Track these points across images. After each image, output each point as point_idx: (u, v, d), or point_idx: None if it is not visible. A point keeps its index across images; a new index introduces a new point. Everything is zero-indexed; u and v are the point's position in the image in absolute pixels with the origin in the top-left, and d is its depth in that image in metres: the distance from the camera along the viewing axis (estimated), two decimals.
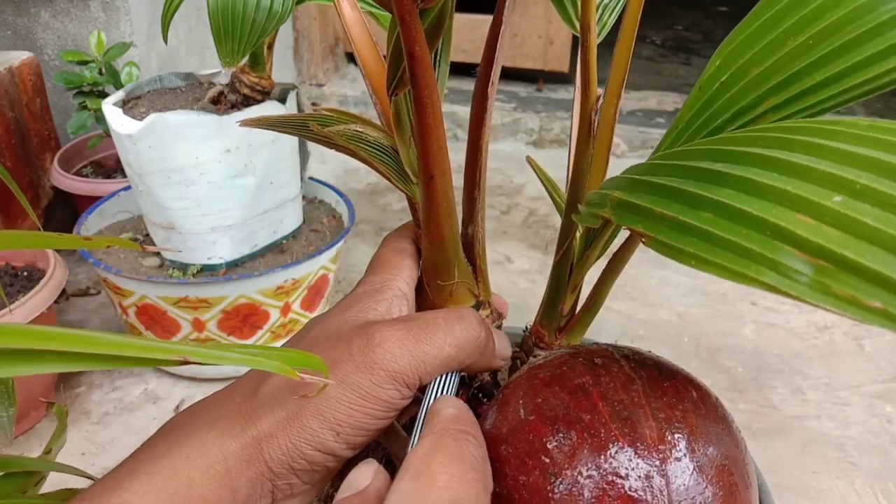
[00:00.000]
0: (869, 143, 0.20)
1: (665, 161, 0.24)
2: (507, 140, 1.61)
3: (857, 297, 0.17)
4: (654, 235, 0.22)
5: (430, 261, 0.34)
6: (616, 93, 0.32)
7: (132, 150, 0.74)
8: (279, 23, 0.54)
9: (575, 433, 0.28)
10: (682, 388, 0.29)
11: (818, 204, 0.19)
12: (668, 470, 0.27)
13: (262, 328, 0.84)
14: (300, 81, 1.74)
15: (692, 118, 0.29)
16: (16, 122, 1.03)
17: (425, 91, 0.29)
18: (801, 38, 0.26)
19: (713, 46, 0.76)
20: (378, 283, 0.34)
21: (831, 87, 0.25)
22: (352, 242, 1.17)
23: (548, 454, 0.28)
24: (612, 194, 0.24)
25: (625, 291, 1.04)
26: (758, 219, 0.20)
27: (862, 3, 0.24)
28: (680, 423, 0.28)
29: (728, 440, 0.29)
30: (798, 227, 0.19)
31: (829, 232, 0.18)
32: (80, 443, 0.79)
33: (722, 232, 0.20)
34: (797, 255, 0.19)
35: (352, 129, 0.35)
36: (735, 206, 0.20)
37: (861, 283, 0.17)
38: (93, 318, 0.98)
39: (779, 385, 0.89)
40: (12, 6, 1.11)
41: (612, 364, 0.30)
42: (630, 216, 0.23)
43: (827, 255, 0.18)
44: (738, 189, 0.21)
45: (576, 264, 0.35)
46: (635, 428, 0.27)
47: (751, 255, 0.19)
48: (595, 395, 0.29)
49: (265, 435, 0.27)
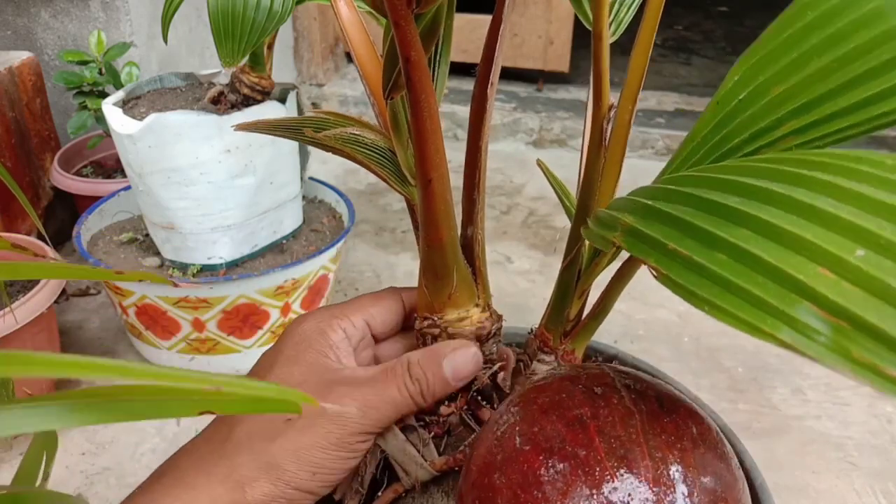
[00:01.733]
0: (893, 188, 0.19)
1: (678, 187, 0.23)
2: (507, 140, 1.61)
3: (876, 365, 0.16)
4: (668, 273, 0.21)
5: (429, 263, 0.34)
6: (632, 99, 0.31)
7: (132, 150, 0.74)
8: (279, 23, 0.54)
9: (569, 468, 0.27)
10: (683, 423, 0.29)
11: (839, 258, 0.18)
12: None
13: (262, 328, 0.84)
14: (300, 81, 1.74)
15: (708, 134, 0.27)
16: (16, 122, 1.03)
17: (422, 95, 0.28)
18: (826, 59, 0.24)
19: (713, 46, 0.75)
20: (324, 325, 0.35)
21: (856, 115, 0.23)
22: (352, 242, 1.17)
23: (540, 488, 0.28)
24: (623, 219, 0.24)
25: (625, 291, 1.04)
26: (775, 268, 0.19)
27: (893, 25, 0.23)
28: (677, 462, 0.27)
29: (727, 478, 0.29)
30: (818, 282, 0.18)
31: (850, 290, 0.17)
32: (81, 443, 0.79)
33: (737, 278, 0.19)
34: (815, 313, 0.18)
35: (348, 133, 0.35)
36: (751, 252, 0.19)
37: (881, 348, 0.16)
38: (93, 318, 0.98)
39: (779, 385, 0.89)
40: (12, 6, 1.11)
41: (612, 395, 0.30)
42: (641, 246, 0.22)
43: (847, 316, 0.17)
44: (756, 231, 0.20)
45: (584, 270, 0.35)
46: (631, 467, 0.27)
47: (766, 307, 0.18)
48: (592, 428, 0.28)
49: (248, 479, 0.29)
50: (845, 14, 0.24)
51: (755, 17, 2.30)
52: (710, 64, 1.98)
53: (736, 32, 2.22)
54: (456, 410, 0.37)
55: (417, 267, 0.36)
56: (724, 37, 2.19)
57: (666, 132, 1.56)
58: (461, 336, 0.35)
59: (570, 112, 1.64)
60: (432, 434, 0.36)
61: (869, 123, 0.24)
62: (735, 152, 0.26)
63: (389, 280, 1.08)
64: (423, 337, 0.36)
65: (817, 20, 0.25)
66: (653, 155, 1.55)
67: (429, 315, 0.36)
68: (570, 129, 1.58)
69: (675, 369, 0.90)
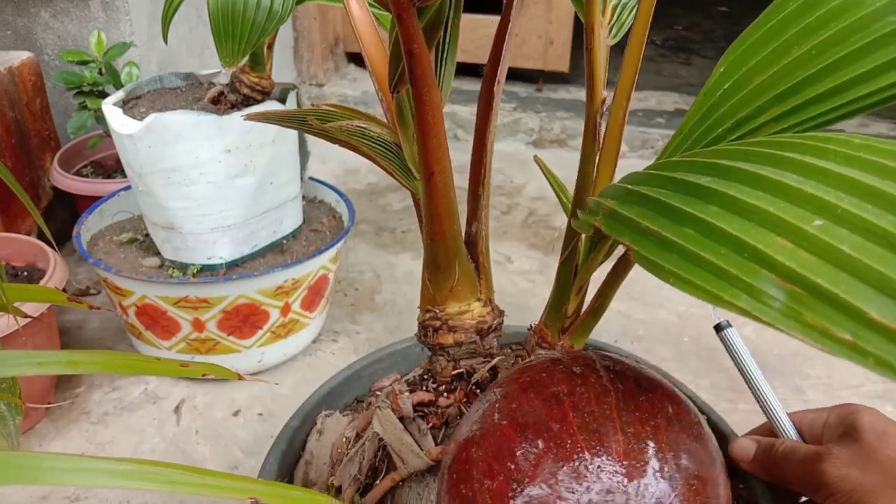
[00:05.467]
0: (858, 165, 0.20)
1: (659, 171, 0.24)
2: (507, 140, 1.61)
3: (827, 328, 0.17)
4: (639, 249, 0.21)
5: (432, 257, 0.35)
6: (625, 96, 0.31)
7: (132, 150, 0.74)
8: (279, 23, 0.54)
9: (542, 442, 0.28)
10: (659, 403, 0.29)
11: (798, 228, 0.18)
12: (629, 486, 0.27)
13: (262, 328, 0.84)
14: (300, 81, 1.74)
15: (695, 125, 0.28)
16: (16, 122, 1.03)
17: (424, 89, 0.29)
18: (804, 48, 0.25)
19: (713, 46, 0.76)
20: None
21: (833, 100, 0.24)
22: (352, 242, 1.17)
23: (514, 460, 0.28)
24: (605, 203, 0.24)
25: (625, 291, 1.04)
26: (737, 240, 0.19)
27: (868, 13, 0.23)
28: (650, 438, 0.28)
29: (702, 458, 0.29)
30: (776, 250, 0.18)
31: (806, 258, 0.18)
32: (81, 443, 0.79)
33: (702, 251, 0.20)
34: (773, 280, 0.18)
35: (354, 125, 0.35)
36: (717, 225, 0.20)
37: (833, 312, 0.17)
38: (93, 318, 0.98)
39: (779, 385, 0.89)
40: (12, 6, 1.11)
41: (590, 374, 0.30)
42: (618, 227, 0.23)
43: (801, 282, 0.18)
44: (722, 206, 0.20)
45: (580, 266, 0.35)
46: (602, 441, 0.27)
47: (728, 277, 0.19)
48: (567, 404, 0.29)
49: None
50: (823, 3, 0.25)
51: (755, 17, 2.28)
52: (710, 64, 1.98)
53: (736, 32, 2.21)
54: (455, 402, 0.37)
55: (417, 267, 0.36)
56: (724, 37, 2.19)
57: (666, 132, 1.56)
58: (462, 329, 0.36)
59: (570, 112, 1.64)
60: (430, 425, 0.36)
61: (845, 108, 0.24)
62: (719, 140, 0.27)
63: (389, 280, 1.08)
64: (424, 329, 0.37)
65: (797, 10, 0.26)
66: (653, 155, 1.55)
67: (431, 308, 0.36)
68: (570, 129, 1.58)
69: (675, 369, 0.90)
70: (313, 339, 0.93)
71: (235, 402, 0.85)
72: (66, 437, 0.79)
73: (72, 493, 0.72)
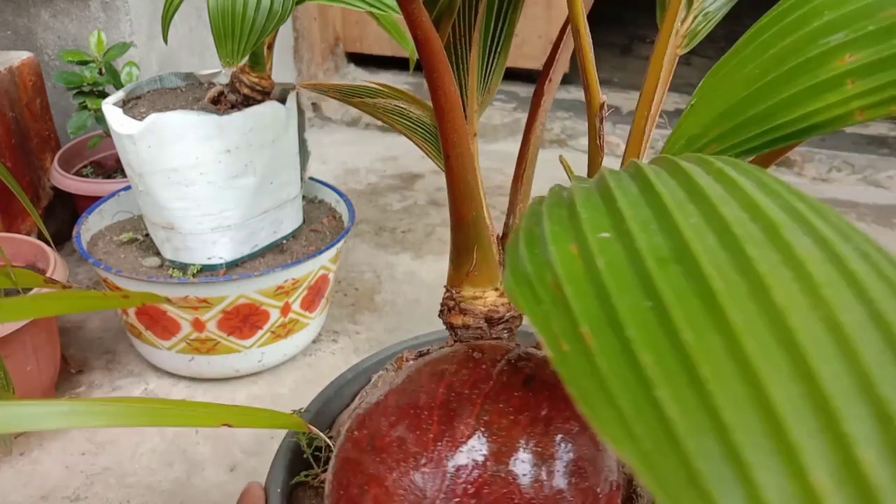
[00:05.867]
0: (684, 186, 0.20)
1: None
2: (507, 140, 1.61)
3: (558, 340, 0.17)
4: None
5: (454, 239, 0.36)
6: (647, 106, 0.32)
7: (132, 150, 0.74)
8: (279, 23, 0.54)
9: (406, 406, 0.29)
10: (536, 404, 0.29)
11: (587, 238, 0.19)
12: (450, 468, 0.27)
13: (262, 328, 0.84)
14: (300, 81, 1.74)
15: (670, 146, 0.30)
16: (16, 122, 1.03)
17: (434, 74, 0.29)
18: (749, 68, 0.25)
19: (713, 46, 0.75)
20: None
21: (761, 125, 0.24)
22: (352, 242, 1.17)
23: (379, 418, 0.30)
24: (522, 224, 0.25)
25: None
26: (554, 245, 0.20)
27: (805, 33, 0.23)
28: (501, 431, 0.27)
29: (559, 468, 0.28)
30: (564, 257, 0.19)
31: (576, 267, 0.18)
32: (81, 443, 0.79)
33: (528, 262, 0.20)
34: (549, 284, 0.18)
35: (392, 104, 0.36)
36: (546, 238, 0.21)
37: (569, 326, 0.17)
38: (93, 317, 0.98)
39: None
40: (12, 6, 1.11)
41: (485, 362, 0.31)
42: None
43: (559, 288, 0.18)
44: (570, 209, 0.21)
45: None
46: (453, 420, 0.28)
47: (527, 280, 0.20)
48: (445, 382, 0.30)
49: None
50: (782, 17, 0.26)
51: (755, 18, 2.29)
52: (710, 64, 1.96)
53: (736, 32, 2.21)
54: None
55: (417, 267, 0.36)
56: (724, 37, 2.18)
57: (666, 132, 1.55)
58: (472, 313, 0.36)
59: (570, 112, 1.64)
60: None
61: (771, 134, 0.24)
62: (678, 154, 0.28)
63: (389, 280, 1.08)
64: (442, 306, 0.38)
65: (763, 29, 0.27)
66: (653, 155, 1.55)
67: (449, 288, 0.37)
68: (570, 129, 1.58)
69: None
70: (313, 339, 0.94)
71: (235, 402, 0.85)
72: (65, 437, 0.79)
73: (72, 493, 0.73)
